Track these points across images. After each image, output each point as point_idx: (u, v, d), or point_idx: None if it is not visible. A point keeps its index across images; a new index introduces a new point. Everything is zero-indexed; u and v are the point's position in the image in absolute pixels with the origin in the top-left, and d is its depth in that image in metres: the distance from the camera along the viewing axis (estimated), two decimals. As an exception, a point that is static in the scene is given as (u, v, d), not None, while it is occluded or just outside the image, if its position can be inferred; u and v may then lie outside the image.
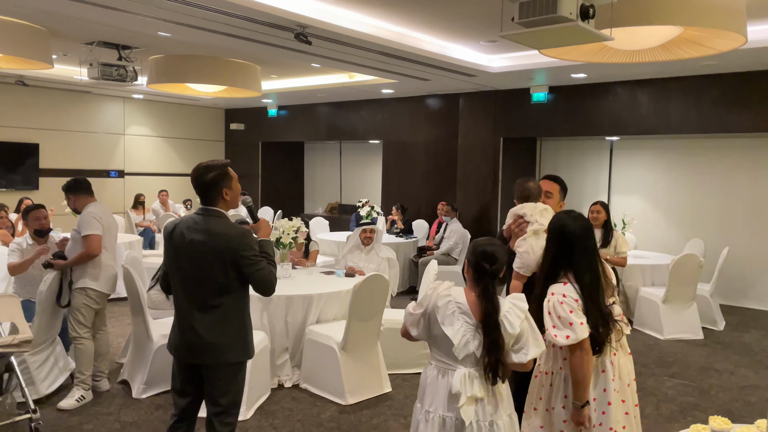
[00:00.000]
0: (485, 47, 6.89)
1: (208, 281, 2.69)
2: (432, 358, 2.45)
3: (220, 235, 2.67)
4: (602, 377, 2.54)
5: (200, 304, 2.72)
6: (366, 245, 6.10)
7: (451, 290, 2.40)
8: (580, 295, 2.49)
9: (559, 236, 2.58)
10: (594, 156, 9.29)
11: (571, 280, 2.53)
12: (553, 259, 2.59)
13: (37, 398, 4.08)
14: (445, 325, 2.32)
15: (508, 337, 2.30)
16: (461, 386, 2.28)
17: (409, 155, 10.24)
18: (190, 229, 2.72)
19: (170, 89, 8.55)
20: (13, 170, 10.12)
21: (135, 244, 7.80)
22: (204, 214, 2.75)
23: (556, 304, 2.47)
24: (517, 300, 2.38)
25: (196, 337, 2.72)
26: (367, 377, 4.51)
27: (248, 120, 12.86)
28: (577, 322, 2.43)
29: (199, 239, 2.68)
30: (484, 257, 2.35)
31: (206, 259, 2.67)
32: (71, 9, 5.12)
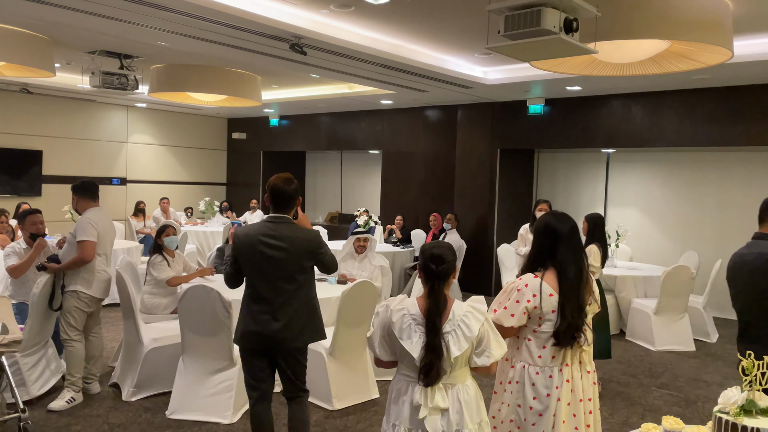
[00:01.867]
0: (480, 59, 6.98)
1: (288, 279, 3.10)
2: (398, 373, 2.43)
3: (297, 239, 3.12)
4: (548, 381, 2.56)
5: (281, 299, 3.09)
6: (359, 253, 6.16)
7: (404, 303, 2.38)
8: (556, 292, 2.52)
9: (544, 232, 2.63)
10: (591, 168, 9.34)
11: (545, 277, 2.56)
12: (536, 254, 2.66)
13: (28, 399, 4.15)
14: (403, 339, 2.31)
15: (465, 341, 2.31)
16: (421, 398, 2.29)
17: (408, 165, 10.32)
18: (267, 235, 3.08)
19: (172, 98, 8.68)
20: (17, 177, 10.26)
21: (134, 251, 7.89)
22: (277, 222, 3.13)
23: (513, 288, 2.59)
24: (476, 303, 2.40)
25: (277, 328, 3.08)
26: (355, 383, 4.56)
27: (250, 129, 12.99)
28: (509, 312, 2.55)
29: (278, 244, 3.07)
30: (432, 259, 2.37)
31: (287, 260, 3.09)
32: (74, 19, 5.24)
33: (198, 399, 4.16)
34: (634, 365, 5.80)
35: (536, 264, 2.64)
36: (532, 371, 2.58)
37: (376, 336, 2.41)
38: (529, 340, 2.60)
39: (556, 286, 2.56)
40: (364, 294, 4.50)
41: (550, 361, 2.57)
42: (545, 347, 2.58)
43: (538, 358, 2.59)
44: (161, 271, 5.15)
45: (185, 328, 4.19)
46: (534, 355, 2.59)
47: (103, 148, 11.49)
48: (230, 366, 4.17)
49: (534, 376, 2.57)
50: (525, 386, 2.58)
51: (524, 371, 2.60)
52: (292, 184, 3.17)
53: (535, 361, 2.59)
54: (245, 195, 12.84)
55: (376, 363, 2.52)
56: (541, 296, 2.54)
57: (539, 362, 2.58)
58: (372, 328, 2.45)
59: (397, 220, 9.48)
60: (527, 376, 2.59)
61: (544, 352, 2.58)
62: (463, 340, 2.31)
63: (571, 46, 3.88)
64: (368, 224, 8.76)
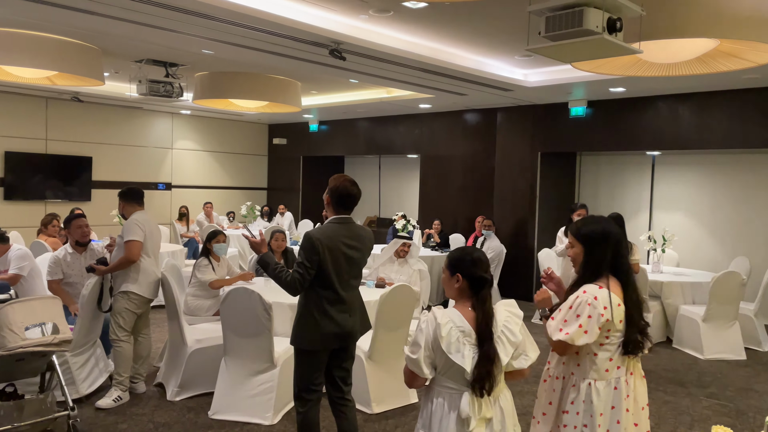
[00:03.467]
0: (521, 62, 6.91)
1: (357, 275, 3.33)
2: (436, 385, 2.33)
3: (366, 237, 3.32)
4: (614, 393, 2.47)
5: (352, 295, 3.27)
6: (400, 258, 6.17)
7: (449, 315, 2.29)
8: (622, 300, 2.45)
9: (602, 241, 2.51)
10: (635, 171, 9.12)
11: (611, 286, 2.46)
12: (595, 263, 2.50)
13: (77, 397, 4.27)
14: (452, 353, 2.22)
15: (511, 346, 2.27)
16: (470, 410, 2.22)
17: (447, 169, 10.27)
18: (345, 237, 3.21)
19: (215, 105, 8.88)
20: (68, 182, 10.64)
21: (178, 254, 8.08)
22: (348, 223, 3.27)
23: (582, 302, 2.40)
24: (511, 306, 2.36)
25: (354, 324, 3.26)
26: (394, 387, 4.55)
27: (290, 135, 13.16)
28: (584, 329, 2.38)
29: (355, 244, 3.23)
30: (477, 265, 2.31)
31: (361, 259, 3.29)
32: (122, 29, 5.42)
33: (239, 400, 4.22)
34: (681, 373, 5.62)
35: (594, 273, 2.50)
36: (600, 386, 2.47)
37: (422, 354, 2.26)
38: (595, 355, 2.47)
39: (621, 294, 2.47)
40: (402, 298, 4.49)
41: (616, 372, 2.49)
42: (612, 359, 2.47)
43: (605, 372, 2.48)
44: (205, 274, 5.26)
45: (227, 329, 4.26)
46: (601, 369, 2.47)
47: (149, 154, 11.81)
48: (271, 368, 4.22)
49: (602, 390, 2.46)
50: (593, 404, 2.46)
51: (590, 389, 2.47)
52: (357, 186, 3.31)
53: (602, 376, 2.48)
54: (285, 199, 13.01)
55: (409, 384, 2.38)
56: (611, 308, 2.41)
57: (606, 376, 2.48)
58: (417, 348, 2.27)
59: (435, 225, 9.45)
60: (595, 392, 2.46)
61: (611, 365, 2.48)
62: (509, 345, 2.27)
63: (614, 46, 3.81)
64: (406, 228, 8.76)
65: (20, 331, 3.47)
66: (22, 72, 6.61)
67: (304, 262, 3.08)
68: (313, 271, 3.09)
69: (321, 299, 3.15)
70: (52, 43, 6.18)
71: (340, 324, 3.18)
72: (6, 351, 3.42)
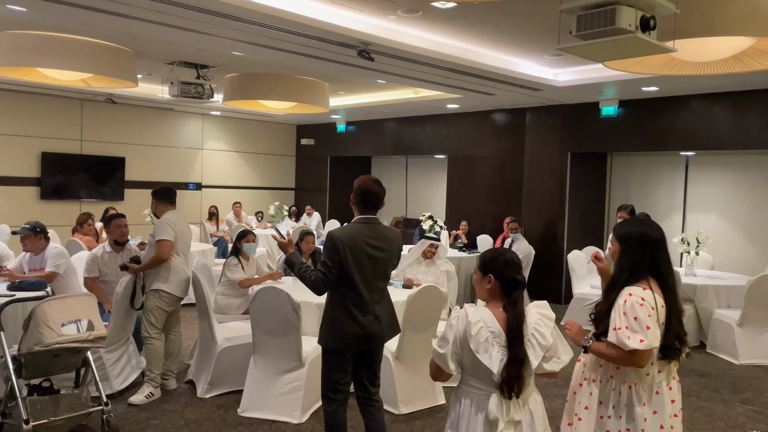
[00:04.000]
0: (550, 61, 6.83)
1: (384, 277, 3.28)
2: (464, 385, 2.34)
3: (392, 238, 3.29)
4: (656, 398, 2.44)
5: (378, 297, 3.25)
6: (427, 258, 6.16)
7: (480, 314, 2.27)
8: (664, 302, 2.42)
9: (639, 242, 2.49)
10: (668, 172, 8.94)
11: (651, 286, 2.43)
12: (634, 265, 2.48)
13: (110, 393, 4.36)
14: (480, 353, 2.21)
15: (542, 349, 2.25)
16: (498, 412, 2.21)
17: (474, 170, 10.22)
18: (369, 237, 3.18)
19: (244, 106, 8.98)
20: (102, 182, 10.88)
21: (208, 253, 8.19)
22: (373, 222, 3.25)
23: (635, 305, 2.35)
24: (543, 308, 2.33)
25: (379, 326, 3.23)
26: (421, 388, 4.54)
27: (318, 135, 13.24)
28: (653, 328, 2.34)
29: (379, 245, 3.20)
30: (510, 266, 2.30)
31: (386, 259, 3.24)
32: (155, 31, 5.52)
33: (268, 398, 4.26)
34: (716, 379, 5.49)
35: (632, 274, 2.46)
36: (641, 390, 2.44)
37: (450, 350, 2.27)
38: None
39: (662, 295, 2.45)
40: (430, 299, 4.49)
41: (657, 376, 2.46)
42: (653, 363, 2.44)
43: (646, 376, 2.45)
44: (234, 273, 5.32)
45: (256, 328, 4.31)
46: (642, 373, 2.44)
47: (180, 154, 12.01)
48: (299, 367, 4.25)
49: (642, 395, 2.44)
50: (634, 407, 2.43)
51: (631, 392, 2.45)
52: (381, 185, 3.29)
53: (643, 380, 2.45)
54: (313, 199, 13.09)
55: (434, 377, 2.40)
56: (657, 309, 2.39)
57: (647, 380, 2.45)
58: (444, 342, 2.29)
59: (462, 226, 9.40)
60: (636, 396, 2.44)
61: (652, 369, 2.45)
62: (539, 348, 2.25)
63: (647, 44, 3.74)
64: (433, 229, 8.74)
65: (57, 328, 3.56)
66: (58, 74, 6.79)
67: (326, 261, 3.11)
68: (335, 271, 3.10)
69: (345, 299, 3.15)
70: (87, 46, 6.32)
71: (363, 325, 3.15)
72: (43, 347, 3.51)
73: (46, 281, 4.89)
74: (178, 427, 4.07)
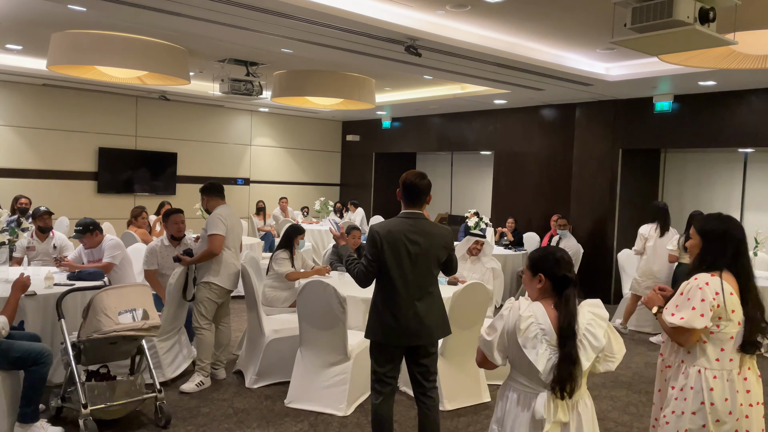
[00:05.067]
0: (602, 55, 6.67)
1: (425, 274, 3.20)
2: (511, 380, 2.33)
3: (436, 235, 3.22)
4: (727, 385, 2.47)
5: (419, 293, 3.19)
6: (473, 255, 6.12)
7: (532, 309, 2.25)
8: (735, 292, 2.45)
9: (720, 238, 2.56)
10: (725, 169, 8.61)
11: (723, 276, 2.48)
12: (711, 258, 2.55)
13: (163, 381, 4.50)
14: (527, 349, 2.19)
15: (593, 351, 2.20)
16: (545, 412, 2.18)
17: (521, 166, 10.08)
18: (409, 232, 3.17)
19: (292, 102, 9.11)
20: (155, 177, 11.23)
21: (256, 247, 8.35)
22: (414, 218, 3.22)
23: (694, 287, 2.46)
24: (596, 308, 2.28)
25: (418, 322, 3.17)
26: (466, 385, 4.52)
27: (363, 131, 13.30)
28: (698, 312, 2.41)
29: (418, 240, 3.16)
30: (561, 265, 2.27)
31: (426, 255, 3.18)
32: (207, 30, 5.65)
33: (314, 390, 4.32)
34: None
35: (710, 267, 2.53)
36: (710, 375, 2.48)
37: (496, 340, 2.28)
38: (704, 343, 2.50)
39: (736, 287, 2.47)
40: (475, 296, 4.46)
41: (728, 363, 2.49)
42: (723, 350, 2.48)
43: (715, 362, 2.49)
44: (282, 266, 5.41)
45: (303, 321, 4.37)
46: (711, 358, 2.49)
47: (230, 150, 12.26)
48: (345, 360, 4.30)
49: (711, 380, 2.48)
50: (703, 392, 2.47)
51: (700, 376, 2.49)
52: (424, 179, 3.26)
53: (712, 365, 2.49)
54: (358, 195, 13.17)
55: (479, 363, 2.41)
56: (723, 294, 2.44)
57: (716, 365, 2.49)
58: (492, 331, 2.29)
59: (508, 223, 9.30)
60: (704, 380, 2.48)
61: (722, 355, 2.48)
62: (590, 350, 2.21)
63: (706, 37, 3.61)
64: (479, 226, 8.66)
65: (114, 316, 3.70)
66: (116, 72, 7.02)
67: (367, 254, 3.18)
68: (375, 264, 3.16)
69: (383, 293, 3.21)
70: (142, 44, 6.52)
71: (399, 320, 3.14)
72: (101, 334, 3.65)
73: (103, 271, 5.09)
74: (227, 416, 4.18)
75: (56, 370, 4.24)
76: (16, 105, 9.81)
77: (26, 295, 4.14)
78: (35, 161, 10.01)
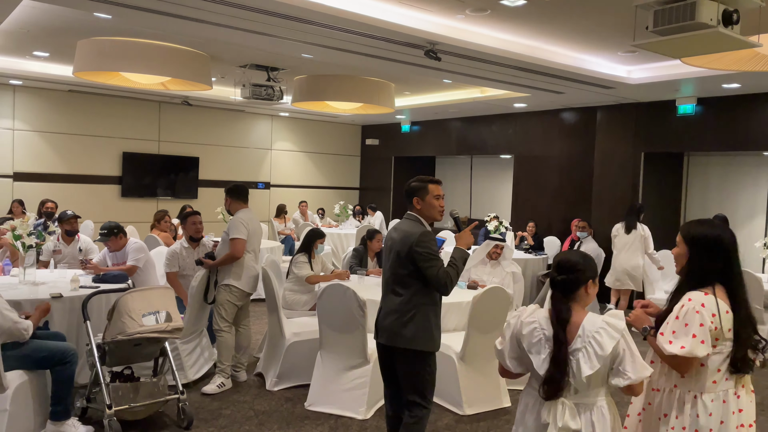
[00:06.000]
0: (623, 58, 6.62)
1: (393, 270, 3.17)
2: (528, 386, 2.36)
3: (405, 231, 3.16)
4: (723, 407, 2.32)
5: (388, 290, 3.22)
6: (492, 260, 6.10)
7: (536, 315, 2.27)
8: (730, 309, 2.30)
9: (713, 246, 2.35)
10: (750, 173, 8.47)
11: (717, 293, 2.31)
12: (701, 270, 2.36)
13: (185, 382, 4.55)
14: (532, 354, 2.23)
15: (598, 360, 2.14)
16: (549, 416, 2.18)
17: (541, 170, 10.02)
18: (393, 228, 3.30)
19: (312, 107, 9.17)
20: (177, 181, 11.38)
21: (276, 250, 8.41)
22: (403, 217, 3.29)
23: (690, 310, 2.26)
24: (613, 318, 2.21)
25: (381, 318, 3.24)
26: (486, 389, 4.51)
27: (382, 135, 13.33)
28: (699, 339, 2.23)
29: (393, 236, 3.23)
30: (557, 267, 2.30)
31: (395, 252, 3.16)
32: (229, 36, 5.73)
33: (334, 393, 4.34)
34: (802, 393, 5.17)
35: (701, 281, 2.35)
36: (707, 399, 2.32)
37: (507, 347, 2.34)
38: (702, 366, 2.32)
39: (729, 302, 2.32)
40: (495, 300, 4.45)
41: (724, 383, 2.33)
42: (719, 371, 2.32)
43: (712, 384, 2.32)
44: (302, 269, 5.45)
45: (323, 324, 4.40)
46: (708, 381, 2.32)
47: (250, 154, 12.38)
48: (364, 363, 4.31)
49: (709, 404, 2.31)
50: (699, 417, 2.31)
51: (696, 401, 2.33)
52: (414, 181, 3.30)
53: (708, 388, 2.32)
54: (377, 199, 13.19)
55: (501, 373, 2.44)
56: (719, 315, 2.28)
57: (714, 388, 2.32)
58: (503, 339, 2.37)
59: (529, 227, 9.24)
60: (701, 405, 2.32)
61: (719, 376, 2.32)
62: (594, 358, 2.15)
63: (730, 39, 3.57)
64: (498, 230, 8.63)
65: (138, 318, 3.76)
66: (139, 78, 7.14)
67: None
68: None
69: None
70: (165, 50, 6.63)
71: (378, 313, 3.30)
72: (125, 336, 3.71)
73: (127, 274, 5.17)
74: (248, 418, 4.22)
75: (82, 371, 4.31)
76: (43, 111, 10.02)
77: (53, 297, 4.24)
78: (61, 166, 10.21)
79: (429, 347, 3.15)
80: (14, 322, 3.43)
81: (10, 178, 9.81)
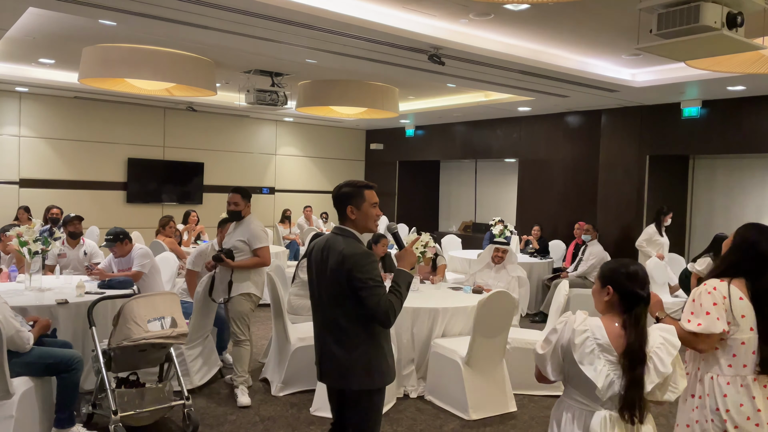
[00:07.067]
0: (628, 61, 6.61)
1: (330, 299, 2.63)
2: (566, 397, 2.22)
3: (338, 253, 2.59)
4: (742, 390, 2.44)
5: (325, 322, 2.67)
6: (496, 264, 6.09)
7: (588, 324, 2.13)
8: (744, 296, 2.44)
9: (748, 250, 2.54)
10: (756, 175, 8.44)
11: (733, 281, 2.48)
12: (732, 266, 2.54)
13: (190, 388, 4.55)
14: (584, 365, 2.08)
15: (657, 376, 2.06)
16: (601, 430, 2.07)
17: (546, 174, 10.00)
18: (320, 246, 2.72)
19: (316, 112, 9.19)
20: (182, 187, 11.41)
21: (281, 255, 8.42)
22: (334, 233, 2.72)
23: (702, 292, 2.48)
24: (668, 333, 2.14)
25: (324, 357, 2.70)
26: (492, 394, 4.49)
27: (387, 140, 13.34)
28: (714, 316, 2.41)
29: (322, 257, 2.67)
30: (633, 279, 2.13)
31: (327, 276, 2.62)
32: (234, 42, 5.75)
33: (339, 399, 4.32)
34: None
35: (723, 272, 2.55)
36: (723, 381, 2.47)
37: (549, 353, 2.19)
38: (716, 349, 2.50)
39: (746, 292, 2.47)
40: (501, 304, 4.43)
41: (741, 369, 2.45)
42: (735, 355, 2.46)
43: (727, 368, 2.47)
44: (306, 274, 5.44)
45: (328, 330, 4.38)
46: (723, 364, 2.47)
47: (255, 159, 12.41)
48: (369, 369, 4.29)
49: (725, 386, 2.46)
50: (716, 399, 2.46)
51: (713, 383, 2.48)
52: (344, 186, 2.78)
53: (724, 371, 2.47)
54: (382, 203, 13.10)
55: (538, 378, 2.30)
56: (730, 299, 2.45)
57: (729, 371, 2.46)
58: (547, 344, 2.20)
59: (534, 231, 9.22)
60: (717, 387, 2.47)
61: (735, 361, 2.46)
62: (654, 374, 2.07)
63: (734, 42, 3.57)
64: (503, 234, 8.61)
65: (143, 324, 3.76)
66: (144, 84, 7.18)
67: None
68: None
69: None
70: (170, 57, 6.66)
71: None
72: (131, 341, 3.72)
73: (132, 280, 5.18)
74: (253, 423, 4.21)
75: (87, 377, 4.32)
76: (49, 117, 10.07)
77: (59, 303, 4.26)
78: (66, 172, 10.25)
79: (374, 384, 2.65)
80: (17, 331, 3.44)
81: (16, 184, 9.86)
